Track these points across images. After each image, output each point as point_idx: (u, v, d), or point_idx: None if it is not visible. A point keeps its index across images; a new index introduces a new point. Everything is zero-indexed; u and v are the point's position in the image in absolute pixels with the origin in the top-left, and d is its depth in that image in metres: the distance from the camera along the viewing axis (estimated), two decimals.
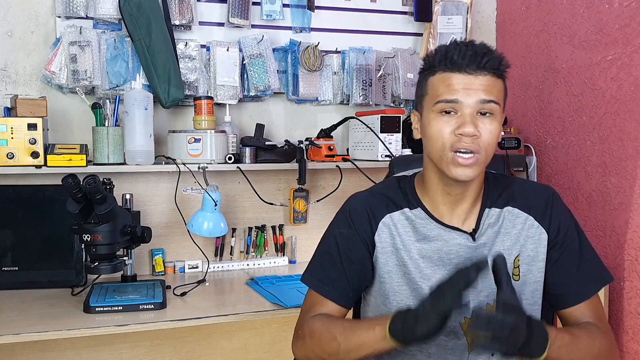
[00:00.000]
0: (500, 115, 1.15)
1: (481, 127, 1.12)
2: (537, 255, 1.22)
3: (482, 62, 1.11)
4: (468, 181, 1.16)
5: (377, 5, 2.28)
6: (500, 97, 1.14)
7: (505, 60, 1.15)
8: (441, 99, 1.13)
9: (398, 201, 1.25)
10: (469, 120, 1.11)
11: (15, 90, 1.93)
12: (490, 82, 1.12)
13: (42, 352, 1.94)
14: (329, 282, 1.25)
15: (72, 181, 1.53)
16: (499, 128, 1.15)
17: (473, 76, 1.11)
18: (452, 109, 1.12)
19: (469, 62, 1.11)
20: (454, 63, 1.12)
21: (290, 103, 2.23)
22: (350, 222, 1.26)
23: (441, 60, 1.14)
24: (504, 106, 1.18)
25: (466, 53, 1.11)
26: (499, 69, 1.13)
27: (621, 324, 1.64)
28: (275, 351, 2.17)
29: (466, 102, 1.11)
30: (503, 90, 1.16)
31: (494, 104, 1.12)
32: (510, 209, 1.22)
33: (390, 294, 1.24)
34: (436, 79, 1.15)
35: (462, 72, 1.11)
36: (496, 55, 1.13)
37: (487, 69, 1.11)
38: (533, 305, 1.23)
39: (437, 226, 1.21)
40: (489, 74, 1.12)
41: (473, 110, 1.11)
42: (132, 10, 1.89)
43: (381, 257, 1.24)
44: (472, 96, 1.11)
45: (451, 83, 1.12)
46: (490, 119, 1.13)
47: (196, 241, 1.99)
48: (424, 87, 1.18)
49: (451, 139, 1.12)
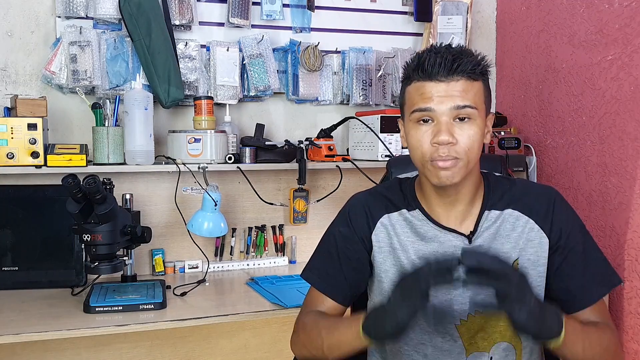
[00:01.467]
0: (481, 118, 1.13)
1: (458, 133, 1.11)
2: (538, 260, 1.20)
3: (453, 67, 1.09)
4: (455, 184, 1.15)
5: (377, 5, 2.28)
6: (477, 100, 1.12)
7: (484, 61, 1.14)
8: (416, 108, 1.13)
9: (397, 202, 1.26)
10: (444, 129, 1.10)
11: (15, 90, 1.93)
12: (465, 87, 1.11)
13: (42, 352, 1.94)
14: (327, 279, 1.27)
15: (72, 181, 1.52)
16: (480, 131, 1.13)
17: (445, 83, 1.10)
18: (428, 117, 1.12)
19: (439, 69, 1.10)
20: (424, 71, 1.11)
21: (290, 103, 2.23)
22: (349, 222, 1.27)
23: (415, 69, 1.13)
24: (487, 108, 1.16)
25: (436, 60, 1.10)
26: (474, 71, 1.11)
27: (621, 324, 1.64)
28: (275, 351, 2.17)
29: (440, 110, 1.10)
30: (482, 92, 1.14)
31: (470, 109, 1.11)
32: (510, 211, 1.21)
33: (388, 293, 1.24)
34: (412, 88, 1.15)
35: (434, 80, 1.11)
36: (469, 59, 1.11)
37: (459, 73, 1.10)
38: None
39: (434, 227, 1.21)
40: (463, 79, 1.10)
41: (449, 117, 1.11)
42: (132, 10, 1.89)
43: (378, 256, 1.24)
44: (446, 103, 1.10)
45: (424, 92, 1.11)
46: (468, 124, 1.11)
47: (196, 241, 1.99)
48: (403, 97, 1.19)
49: (430, 149, 1.12)
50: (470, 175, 1.17)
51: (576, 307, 1.20)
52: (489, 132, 1.18)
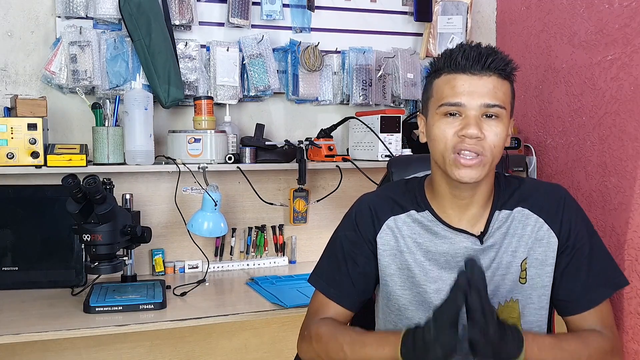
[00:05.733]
0: (507, 118, 1.13)
1: (486, 129, 1.10)
2: (546, 259, 1.19)
3: (487, 62, 1.10)
4: (474, 184, 1.14)
5: (377, 5, 2.28)
6: (506, 100, 1.13)
7: (513, 63, 1.14)
8: (445, 101, 1.12)
9: (405, 204, 1.24)
10: (473, 122, 1.09)
11: (15, 90, 1.93)
12: (496, 84, 1.11)
13: (42, 352, 1.94)
14: (335, 285, 1.26)
15: (72, 181, 1.53)
16: (505, 131, 1.13)
17: (477, 77, 1.10)
18: (457, 111, 1.11)
19: (473, 63, 1.10)
20: (458, 64, 1.11)
21: (290, 103, 2.23)
22: (355, 226, 1.26)
23: (446, 61, 1.13)
24: (511, 109, 1.16)
25: (470, 54, 1.10)
26: (505, 70, 1.12)
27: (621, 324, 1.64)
28: (275, 351, 2.17)
29: (470, 105, 1.10)
30: (510, 93, 1.15)
31: (499, 108, 1.11)
32: (520, 209, 1.21)
33: (392, 297, 1.24)
34: (441, 81, 1.14)
35: (467, 73, 1.10)
36: (501, 57, 1.12)
37: (491, 69, 1.10)
38: (540, 310, 1.21)
39: (444, 229, 1.20)
40: (494, 75, 1.11)
41: (478, 113, 1.10)
42: (132, 10, 1.89)
43: (383, 259, 1.24)
44: (476, 99, 1.10)
45: (455, 85, 1.11)
46: (496, 122, 1.11)
47: (196, 241, 1.99)
48: (429, 90, 1.18)
49: (454, 140, 1.11)
50: (488, 177, 1.17)
51: (579, 309, 1.19)
52: (508, 136, 1.17)
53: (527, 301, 1.20)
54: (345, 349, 1.13)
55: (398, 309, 1.23)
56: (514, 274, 1.19)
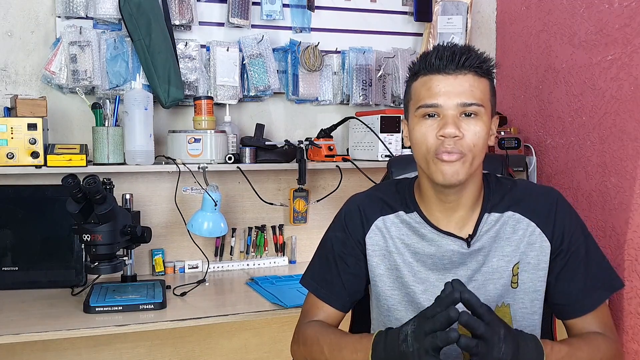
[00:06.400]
0: (487, 116, 1.13)
1: (464, 128, 1.09)
2: (539, 264, 1.18)
3: (461, 61, 1.09)
4: (459, 186, 1.14)
5: (377, 5, 2.28)
6: (484, 98, 1.12)
7: (490, 60, 1.13)
8: (422, 103, 1.12)
9: (394, 204, 1.24)
10: (450, 122, 1.09)
11: (15, 90, 1.93)
12: (472, 82, 1.10)
13: (42, 352, 1.94)
14: (326, 286, 1.26)
15: (72, 181, 1.52)
16: (486, 129, 1.12)
17: (452, 77, 1.10)
18: (435, 112, 1.11)
19: (447, 63, 1.10)
20: (432, 65, 1.11)
21: (290, 103, 2.23)
22: (345, 226, 1.26)
23: (421, 64, 1.13)
24: (492, 106, 1.15)
25: (444, 54, 1.10)
26: (481, 68, 1.11)
27: (621, 324, 1.64)
28: (275, 351, 2.17)
29: (446, 105, 1.10)
30: (489, 91, 1.14)
31: (476, 106, 1.10)
32: (511, 214, 1.19)
33: (382, 297, 1.24)
34: (418, 83, 1.14)
35: (442, 73, 1.10)
36: (476, 55, 1.11)
37: (466, 68, 1.10)
38: (532, 315, 1.20)
39: (431, 231, 1.19)
40: (470, 73, 1.10)
41: (455, 112, 1.10)
42: (132, 10, 1.89)
43: (372, 259, 1.24)
44: (453, 99, 1.09)
45: (431, 86, 1.11)
46: (475, 120, 1.11)
47: (196, 241, 1.99)
48: (409, 93, 1.18)
49: (435, 142, 1.10)
50: (473, 178, 1.16)
51: (577, 312, 1.18)
52: (493, 135, 1.17)
53: (518, 306, 1.19)
54: (325, 351, 1.15)
55: (388, 309, 1.23)
56: (505, 279, 1.18)
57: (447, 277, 1.16)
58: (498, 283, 1.18)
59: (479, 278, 1.18)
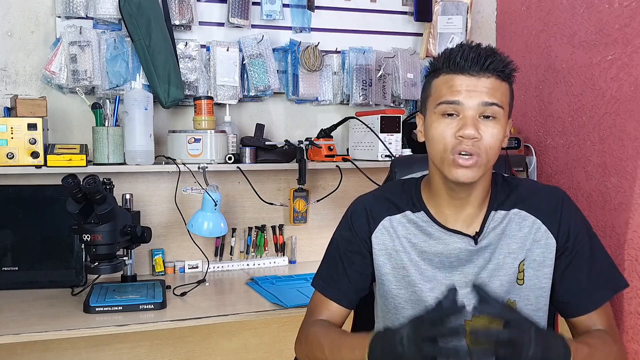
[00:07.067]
0: (504, 119, 1.13)
1: (483, 130, 1.10)
2: (544, 261, 1.19)
3: (486, 63, 1.10)
4: (471, 184, 1.15)
5: (377, 5, 2.28)
6: (504, 100, 1.13)
7: (512, 64, 1.14)
8: (443, 100, 1.12)
9: (400, 204, 1.25)
10: (470, 123, 1.10)
11: (15, 90, 1.93)
12: (494, 85, 1.11)
13: (42, 352, 1.94)
14: (332, 283, 1.28)
15: (72, 181, 1.53)
16: (502, 132, 1.13)
17: (476, 78, 1.10)
18: (454, 110, 1.11)
19: (472, 64, 1.10)
20: (456, 64, 1.11)
21: (290, 103, 2.23)
22: (351, 225, 1.27)
23: (445, 62, 1.13)
24: (509, 110, 1.16)
25: (469, 55, 1.10)
26: (504, 72, 1.12)
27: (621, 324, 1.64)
28: (275, 351, 2.17)
29: (468, 104, 1.10)
30: (508, 94, 1.15)
31: (496, 107, 1.11)
32: (517, 211, 1.20)
33: (389, 297, 1.24)
34: (439, 81, 1.14)
35: (465, 74, 1.11)
36: (500, 58, 1.12)
37: (490, 70, 1.10)
38: (538, 312, 1.21)
39: (438, 229, 1.20)
40: (493, 76, 1.11)
41: (475, 113, 1.10)
42: (132, 10, 1.89)
43: (378, 258, 1.24)
44: (474, 98, 1.10)
45: (454, 84, 1.11)
46: (493, 123, 1.11)
47: (196, 241, 1.99)
48: (428, 89, 1.18)
49: (452, 142, 1.11)
50: (484, 178, 1.17)
51: (581, 310, 1.19)
52: (506, 137, 1.17)
53: (524, 302, 1.20)
54: (326, 350, 1.16)
55: (395, 308, 1.24)
56: (511, 275, 1.19)
57: (454, 275, 1.18)
58: (505, 280, 1.19)
59: (486, 275, 1.18)
